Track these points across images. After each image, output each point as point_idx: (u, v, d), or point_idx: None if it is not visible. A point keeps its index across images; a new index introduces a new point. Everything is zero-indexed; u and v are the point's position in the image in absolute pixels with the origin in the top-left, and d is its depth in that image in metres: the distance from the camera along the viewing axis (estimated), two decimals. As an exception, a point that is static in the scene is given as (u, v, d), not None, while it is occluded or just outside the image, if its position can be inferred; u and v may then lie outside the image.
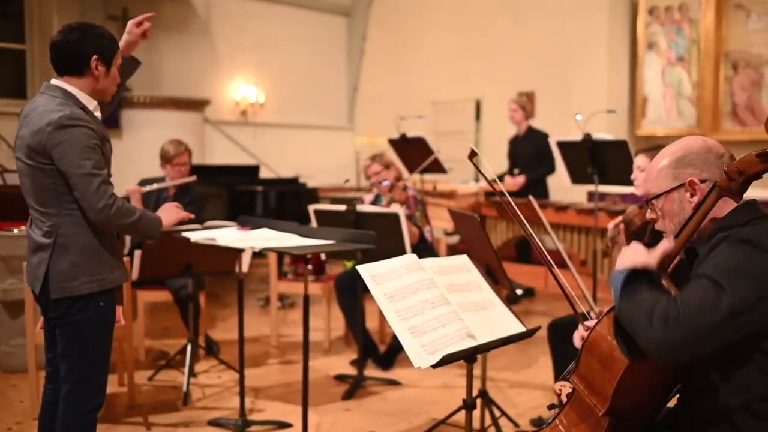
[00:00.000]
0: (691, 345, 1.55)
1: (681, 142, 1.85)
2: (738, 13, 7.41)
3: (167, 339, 5.30)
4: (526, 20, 8.78)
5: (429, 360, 2.12)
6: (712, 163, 1.79)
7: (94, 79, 2.52)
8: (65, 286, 2.47)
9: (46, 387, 2.75)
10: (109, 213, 2.45)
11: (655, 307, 1.58)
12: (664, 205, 1.84)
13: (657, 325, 1.55)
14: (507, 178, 6.56)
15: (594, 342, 1.75)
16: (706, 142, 1.83)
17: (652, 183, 1.87)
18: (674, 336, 1.54)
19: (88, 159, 2.42)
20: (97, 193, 2.43)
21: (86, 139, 2.42)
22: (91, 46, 2.49)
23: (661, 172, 1.84)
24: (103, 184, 2.45)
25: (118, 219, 2.49)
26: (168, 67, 9.17)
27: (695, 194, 1.78)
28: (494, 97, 9.18)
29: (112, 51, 2.55)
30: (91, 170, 2.42)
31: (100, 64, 2.51)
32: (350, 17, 11.29)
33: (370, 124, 10.47)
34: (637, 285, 1.65)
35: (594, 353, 1.74)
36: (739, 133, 7.37)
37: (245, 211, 6.60)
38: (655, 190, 1.85)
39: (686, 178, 1.79)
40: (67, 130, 2.39)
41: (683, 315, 1.54)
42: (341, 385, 4.30)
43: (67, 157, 2.39)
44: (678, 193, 1.81)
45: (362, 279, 4.32)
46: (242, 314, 3.58)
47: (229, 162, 9.47)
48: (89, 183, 2.42)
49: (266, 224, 3.41)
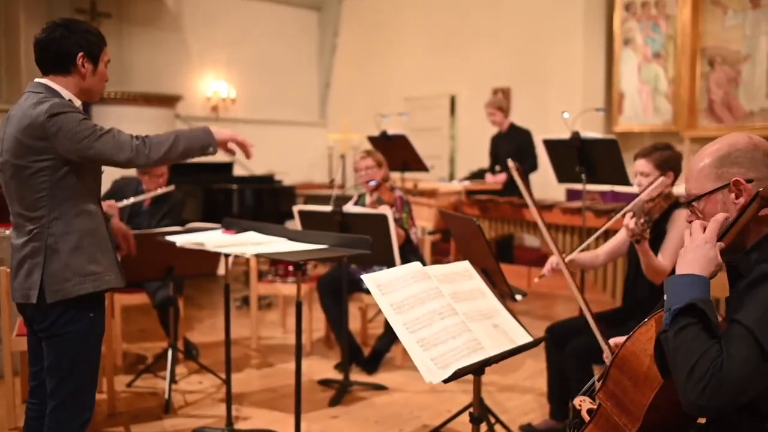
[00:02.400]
0: (726, 408, 1.49)
1: (725, 139, 1.73)
2: (714, 9, 7.43)
3: (143, 342, 5.15)
4: (502, 15, 8.73)
5: (440, 375, 2.02)
6: (759, 161, 1.68)
7: (81, 77, 2.43)
8: (58, 288, 2.35)
9: (30, 402, 2.62)
10: (147, 152, 2.40)
11: (698, 363, 1.48)
12: (706, 206, 1.72)
13: (695, 387, 1.47)
14: (488, 175, 6.50)
15: (625, 359, 1.67)
16: (752, 139, 1.72)
17: (693, 183, 1.74)
18: (708, 404, 1.47)
19: (91, 127, 2.35)
20: (122, 141, 2.38)
21: (78, 116, 2.35)
22: (76, 43, 2.40)
23: (702, 172, 1.72)
24: (120, 132, 2.39)
25: (158, 152, 2.43)
26: (138, 63, 8.93)
27: (741, 195, 1.66)
28: (469, 93, 9.13)
29: (98, 47, 2.46)
30: (101, 130, 2.36)
31: (86, 61, 2.42)
32: (321, 12, 11.13)
33: (343, 120, 10.34)
34: (689, 322, 1.54)
35: (625, 370, 1.66)
36: (715, 130, 7.39)
37: (221, 211, 6.45)
38: (696, 191, 1.73)
39: (731, 178, 1.67)
40: (62, 116, 2.31)
41: (724, 382, 1.46)
42: (326, 390, 4.19)
43: (73, 136, 2.31)
44: (722, 194, 1.69)
45: (345, 280, 4.26)
46: (228, 319, 3.44)
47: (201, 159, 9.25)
48: (108, 138, 2.36)
49: (252, 227, 3.30)
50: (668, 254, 3.17)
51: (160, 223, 4.45)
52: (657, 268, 3.09)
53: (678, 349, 1.52)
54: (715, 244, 1.62)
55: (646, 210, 3.22)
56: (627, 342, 1.68)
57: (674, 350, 1.53)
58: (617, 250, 3.61)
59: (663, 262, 3.14)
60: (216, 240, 3.04)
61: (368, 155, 4.66)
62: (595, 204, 5.03)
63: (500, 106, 6.37)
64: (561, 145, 4.62)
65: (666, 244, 3.20)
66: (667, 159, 3.31)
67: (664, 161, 3.30)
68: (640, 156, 3.35)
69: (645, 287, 3.26)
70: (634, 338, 1.67)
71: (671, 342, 1.55)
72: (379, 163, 4.62)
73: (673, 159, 3.33)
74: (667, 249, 3.18)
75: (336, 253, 2.79)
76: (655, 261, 3.09)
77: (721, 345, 1.51)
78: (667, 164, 3.30)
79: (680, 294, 1.57)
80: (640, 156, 3.34)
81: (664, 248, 3.19)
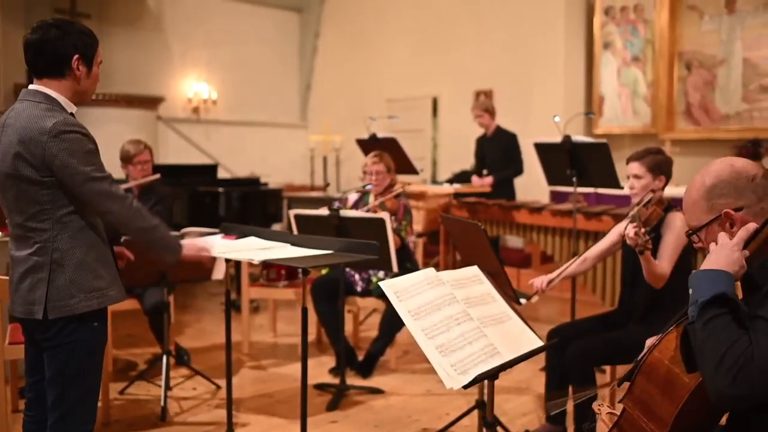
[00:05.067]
0: (757, 397, 1.52)
1: (710, 171, 1.80)
2: (691, 14, 7.56)
3: (133, 348, 5.09)
4: (484, 18, 8.79)
5: (461, 380, 2.05)
6: (744, 188, 1.75)
7: (75, 81, 2.35)
8: (63, 305, 2.28)
9: (27, 414, 2.53)
10: (129, 214, 2.36)
11: (728, 352, 1.52)
12: (707, 236, 1.80)
13: (725, 377, 1.50)
14: (474, 178, 6.54)
15: (652, 366, 1.70)
16: (733, 167, 1.78)
17: (689, 216, 1.84)
18: (739, 392, 1.50)
19: (92, 164, 2.29)
20: (112, 193, 2.33)
21: (85, 145, 2.29)
22: (72, 45, 2.32)
23: (695, 206, 1.81)
24: (114, 184, 2.34)
25: (136, 221, 2.40)
26: (120, 64, 8.82)
27: (735, 224, 1.74)
28: (451, 95, 9.17)
29: (93, 48, 2.39)
30: (99, 173, 2.30)
31: (81, 63, 2.35)
32: (302, 13, 11.11)
33: (325, 121, 10.33)
34: (718, 312, 1.58)
35: (652, 378, 1.69)
36: (692, 132, 7.53)
37: (207, 213, 6.41)
38: (694, 222, 1.82)
39: (721, 209, 1.75)
40: (65, 137, 2.24)
41: (756, 371, 1.49)
42: (322, 395, 4.19)
43: (71, 166, 2.24)
44: (718, 224, 1.77)
45: (342, 284, 4.26)
46: (229, 324, 3.42)
47: (183, 161, 9.20)
48: (101, 185, 2.30)
49: (252, 232, 3.28)
50: (666, 258, 3.22)
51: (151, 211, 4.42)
52: (658, 274, 3.14)
53: (707, 339, 1.56)
54: (741, 249, 1.67)
55: (644, 218, 3.27)
56: (654, 349, 1.71)
57: (703, 341, 1.57)
58: (606, 251, 3.66)
59: (662, 265, 3.20)
60: (220, 246, 3.02)
61: (380, 160, 4.62)
62: (585, 206, 5.09)
63: (487, 108, 6.42)
64: (552, 148, 4.67)
65: (663, 247, 3.25)
66: (660, 163, 3.37)
67: (656, 165, 3.35)
68: (633, 159, 3.40)
69: (642, 290, 3.31)
70: (661, 346, 1.70)
71: (699, 333, 1.58)
72: (389, 168, 4.63)
73: (665, 163, 3.39)
74: (664, 253, 3.23)
75: (345, 259, 2.78)
76: (656, 268, 3.14)
77: (750, 335, 1.55)
78: (660, 168, 3.36)
79: (706, 287, 1.62)
80: (633, 159, 3.40)
81: (661, 252, 3.24)
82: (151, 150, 4.64)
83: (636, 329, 3.33)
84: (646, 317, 3.31)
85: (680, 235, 3.25)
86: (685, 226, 3.29)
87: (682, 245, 3.25)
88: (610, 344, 3.24)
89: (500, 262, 2.97)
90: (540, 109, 8.13)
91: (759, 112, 7.09)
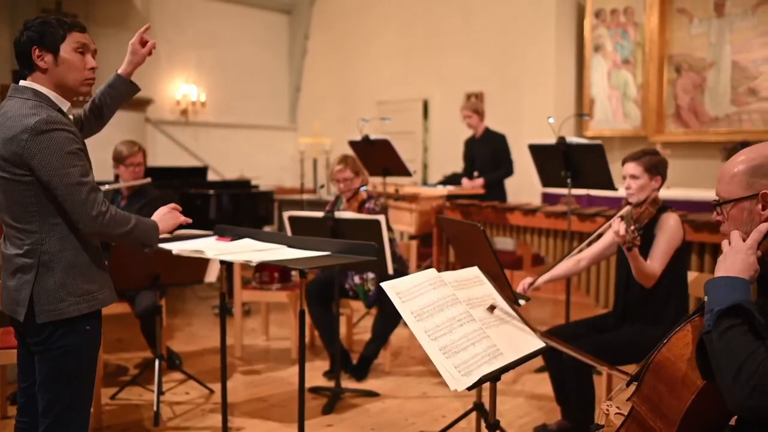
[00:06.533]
0: None
1: (760, 150, 1.77)
2: (681, 17, 7.59)
3: (122, 353, 5.02)
4: (474, 20, 8.79)
5: (465, 382, 2.02)
6: None
7: (44, 72, 2.26)
8: (52, 308, 2.22)
9: (19, 420, 2.47)
10: (103, 222, 2.23)
11: (745, 364, 1.49)
12: (732, 210, 1.77)
13: (743, 388, 1.48)
14: (464, 180, 6.52)
15: (660, 364, 1.68)
16: None
17: (723, 186, 1.79)
18: (758, 403, 1.48)
19: (73, 166, 2.18)
20: (86, 203, 2.20)
21: (68, 144, 2.19)
22: (29, 39, 2.25)
23: (734, 178, 1.76)
24: (92, 192, 2.22)
25: (112, 229, 2.27)
26: (107, 65, 8.64)
27: (767, 207, 1.71)
28: (442, 97, 9.16)
29: (53, 35, 2.27)
30: (78, 178, 2.19)
31: (42, 52, 2.25)
32: (292, 15, 11.06)
33: (314, 124, 10.29)
34: (735, 322, 1.55)
35: (661, 376, 1.67)
36: (682, 135, 7.56)
37: (198, 216, 6.35)
38: (725, 194, 1.78)
39: (760, 189, 1.72)
40: (47, 136, 2.15)
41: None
42: (317, 398, 4.14)
43: (50, 167, 2.15)
44: (749, 202, 1.74)
45: (338, 287, 4.23)
46: (224, 328, 3.35)
47: (171, 163, 9.13)
48: (77, 193, 2.19)
49: (247, 234, 3.24)
50: (657, 258, 3.23)
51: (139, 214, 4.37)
52: (647, 272, 3.16)
53: (723, 350, 1.53)
54: (755, 252, 1.65)
55: (635, 216, 3.27)
56: (663, 348, 1.69)
57: (719, 351, 1.54)
58: (601, 254, 3.66)
59: (652, 265, 3.20)
60: (215, 248, 2.97)
61: (346, 166, 4.53)
62: (579, 208, 5.08)
63: (477, 110, 6.40)
64: (546, 149, 4.66)
65: (654, 248, 3.26)
66: (656, 164, 3.37)
67: (653, 165, 3.36)
68: (629, 159, 3.40)
69: (637, 291, 3.31)
70: (670, 344, 1.68)
71: (716, 343, 1.55)
72: (357, 171, 4.56)
73: (661, 164, 3.39)
74: (656, 253, 3.24)
75: (344, 260, 2.75)
76: (645, 266, 3.15)
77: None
78: (656, 168, 3.36)
79: (722, 295, 1.59)
80: (630, 159, 3.39)
81: (653, 252, 3.25)
82: (145, 152, 4.61)
83: (630, 330, 3.33)
84: (641, 318, 3.31)
85: (673, 235, 3.26)
86: (678, 227, 3.32)
87: (675, 246, 3.26)
88: (607, 346, 3.23)
89: (500, 264, 2.95)
90: (530, 111, 8.13)
91: (748, 114, 7.13)
